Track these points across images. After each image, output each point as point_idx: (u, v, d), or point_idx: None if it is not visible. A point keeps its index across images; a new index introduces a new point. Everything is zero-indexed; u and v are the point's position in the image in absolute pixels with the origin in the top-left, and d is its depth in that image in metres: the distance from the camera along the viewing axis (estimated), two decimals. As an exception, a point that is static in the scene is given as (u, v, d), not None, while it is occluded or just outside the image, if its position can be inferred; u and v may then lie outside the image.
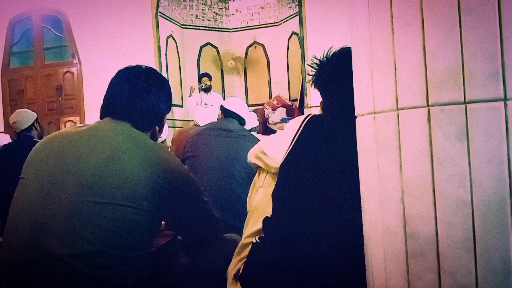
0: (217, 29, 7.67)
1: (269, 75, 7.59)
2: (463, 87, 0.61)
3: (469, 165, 0.60)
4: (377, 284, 0.74)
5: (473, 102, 0.60)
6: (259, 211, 1.18)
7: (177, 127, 6.03)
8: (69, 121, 6.63)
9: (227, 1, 7.71)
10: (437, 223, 0.63)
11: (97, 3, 6.30)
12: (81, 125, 1.32)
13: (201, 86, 6.27)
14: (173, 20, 6.93)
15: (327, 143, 1.07)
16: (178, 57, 7.06)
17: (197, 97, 6.31)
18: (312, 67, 1.19)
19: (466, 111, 0.61)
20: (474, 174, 0.60)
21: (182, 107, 6.86)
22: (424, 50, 0.64)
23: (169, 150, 3.60)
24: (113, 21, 6.23)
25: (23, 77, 6.82)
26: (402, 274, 0.67)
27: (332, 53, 1.17)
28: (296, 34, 6.69)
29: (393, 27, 0.67)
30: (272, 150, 1.15)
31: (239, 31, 7.72)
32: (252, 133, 2.77)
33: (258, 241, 1.12)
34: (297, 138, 1.10)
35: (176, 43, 6.99)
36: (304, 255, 1.01)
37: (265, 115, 6.67)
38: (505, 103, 0.59)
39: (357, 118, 0.79)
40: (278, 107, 6.68)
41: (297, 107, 6.64)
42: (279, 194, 1.10)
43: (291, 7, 7.02)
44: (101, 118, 1.29)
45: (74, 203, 1.08)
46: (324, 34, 5.54)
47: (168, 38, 6.69)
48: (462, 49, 0.61)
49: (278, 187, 1.11)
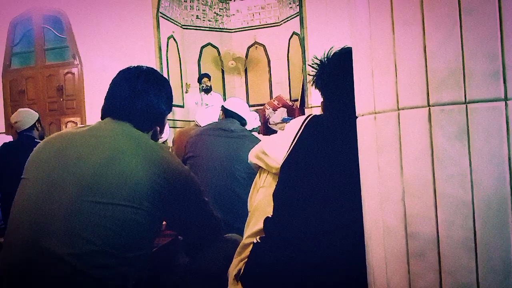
0: (218, 30, 7.67)
1: (269, 75, 7.59)
2: (464, 87, 0.61)
3: (470, 165, 0.61)
4: (378, 284, 0.74)
5: (473, 102, 0.60)
6: (260, 211, 1.18)
7: (178, 128, 6.03)
8: (70, 121, 6.63)
9: (227, 2, 7.71)
10: (437, 223, 0.63)
11: (97, 3, 6.31)
12: (82, 125, 1.32)
13: (202, 86, 6.28)
14: (173, 20, 6.93)
15: (328, 143, 1.07)
16: (178, 57, 7.07)
17: (197, 97, 6.32)
18: (312, 67, 1.19)
19: (466, 111, 0.61)
20: (474, 174, 0.60)
21: (183, 107, 6.86)
22: (424, 50, 0.64)
23: (170, 150, 3.60)
24: (114, 21, 6.24)
25: (24, 78, 6.83)
26: (402, 274, 0.67)
27: (332, 53, 1.17)
28: (296, 34, 6.70)
29: (393, 27, 0.67)
30: (273, 150, 1.15)
31: (239, 31, 7.73)
32: (253, 133, 2.77)
33: (259, 241, 1.12)
34: (297, 138, 1.10)
35: (176, 44, 6.99)
36: (304, 255, 1.01)
37: (266, 115, 6.66)
38: (506, 103, 0.59)
39: (357, 118, 0.79)
40: (278, 107, 6.68)
41: (298, 107, 6.64)
42: (280, 194, 1.10)
43: (291, 7, 7.02)
44: (102, 118, 1.29)
45: (74, 203, 1.08)
46: (324, 34, 5.54)
47: (168, 38, 6.69)
48: (462, 49, 0.61)
49: (278, 187, 1.11)
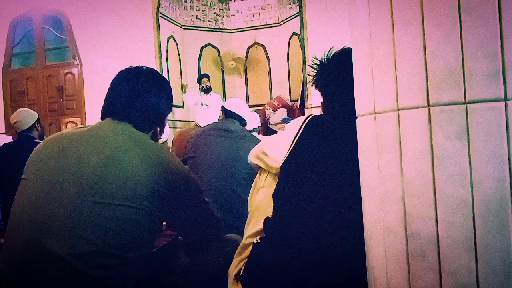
0: (218, 30, 7.67)
1: (269, 76, 7.59)
2: (463, 87, 0.61)
3: (470, 165, 0.61)
4: (378, 284, 0.74)
5: (473, 102, 0.60)
6: (260, 211, 1.18)
7: (178, 128, 6.03)
8: (70, 122, 6.63)
9: (227, 2, 7.71)
10: (437, 223, 0.63)
11: (98, 4, 6.31)
12: (82, 126, 1.33)
13: (202, 87, 6.27)
14: (173, 20, 6.93)
15: (328, 143, 1.07)
16: (178, 57, 7.07)
17: (197, 97, 6.32)
18: (312, 67, 1.19)
19: (466, 111, 0.61)
20: (474, 174, 0.60)
21: (183, 107, 6.86)
22: (424, 50, 0.64)
23: (170, 150, 3.60)
24: (114, 22, 6.24)
25: (24, 78, 6.83)
26: (403, 274, 0.67)
27: (332, 53, 1.17)
28: (296, 34, 6.69)
29: (393, 27, 0.67)
30: (273, 150, 1.15)
31: (239, 31, 7.73)
32: (253, 133, 2.77)
33: (259, 241, 1.12)
34: (297, 138, 1.10)
35: (176, 44, 6.99)
36: (304, 255, 1.01)
37: (266, 115, 6.66)
38: (506, 103, 0.59)
39: (357, 118, 0.79)
40: (278, 108, 6.68)
41: (298, 107, 6.64)
42: (280, 194, 1.10)
43: (291, 7, 7.02)
44: (102, 118, 1.29)
45: (74, 203, 1.08)
46: (324, 34, 5.54)
47: (168, 38, 6.69)
48: (462, 49, 0.61)
49: (279, 187, 1.11)
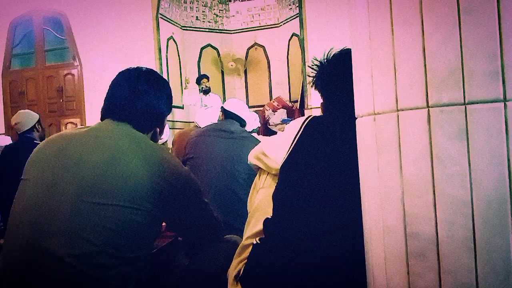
0: (218, 31, 7.67)
1: (269, 77, 7.59)
2: (463, 87, 0.61)
3: (469, 165, 0.61)
4: (377, 284, 0.74)
5: (473, 103, 0.60)
6: (260, 212, 1.18)
7: (178, 129, 6.03)
8: (70, 122, 6.64)
9: (227, 3, 7.72)
10: (437, 223, 0.63)
11: (98, 5, 6.31)
12: (82, 126, 1.33)
13: (201, 87, 6.28)
14: (173, 21, 6.93)
15: (328, 144, 1.07)
16: (178, 58, 7.07)
17: (196, 98, 6.32)
18: (312, 68, 1.19)
19: (466, 112, 0.61)
20: (474, 174, 0.60)
21: (182, 108, 6.86)
22: (424, 50, 0.64)
23: (170, 151, 3.60)
24: (114, 23, 6.24)
25: (24, 79, 6.83)
26: (402, 274, 0.67)
27: (332, 54, 1.17)
28: (296, 35, 6.70)
29: (393, 27, 0.67)
30: (272, 151, 1.15)
31: (239, 32, 7.73)
32: (252, 134, 2.77)
33: (258, 242, 1.12)
34: (297, 139, 1.10)
35: (176, 45, 6.99)
36: (304, 256, 1.01)
37: (266, 116, 6.67)
38: (505, 104, 0.59)
39: (357, 119, 0.79)
40: (278, 109, 6.68)
41: (298, 108, 6.65)
42: (280, 195, 1.10)
43: (291, 8, 7.03)
44: (102, 119, 1.29)
45: (74, 204, 1.08)
46: (324, 35, 5.55)
47: (168, 39, 6.69)
48: (462, 49, 0.61)
49: (278, 188, 1.11)
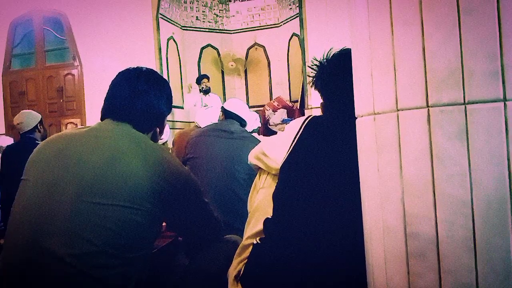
0: (218, 31, 7.67)
1: (269, 76, 7.59)
2: (463, 87, 0.61)
3: (469, 165, 0.61)
4: (377, 284, 0.74)
5: (472, 103, 0.60)
6: (260, 212, 1.18)
7: (178, 129, 6.03)
8: (70, 123, 6.64)
9: (227, 3, 7.72)
10: (437, 223, 0.63)
11: (98, 5, 6.31)
12: (82, 126, 1.33)
13: (201, 87, 6.28)
14: (173, 21, 6.93)
15: (328, 144, 1.07)
16: (178, 58, 7.07)
17: (196, 98, 6.32)
18: (312, 68, 1.19)
19: (465, 111, 0.61)
20: (474, 174, 0.60)
21: (182, 108, 6.86)
22: (423, 50, 0.64)
23: (170, 151, 3.60)
24: (114, 23, 6.24)
25: (24, 79, 6.83)
26: (402, 274, 0.67)
27: (332, 54, 1.17)
28: (296, 35, 6.70)
29: (392, 27, 0.67)
30: (272, 151, 1.15)
31: (239, 32, 7.73)
32: (253, 134, 2.77)
33: (259, 242, 1.12)
34: (297, 139, 1.10)
35: (176, 45, 6.99)
36: (304, 256, 1.01)
37: (266, 116, 6.67)
38: (505, 104, 0.59)
39: (357, 119, 0.79)
40: (278, 108, 6.68)
41: (298, 108, 6.65)
42: (280, 195, 1.10)
43: (291, 8, 7.03)
44: (102, 119, 1.29)
45: (74, 204, 1.08)
46: (324, 35, 5.54)
47: (168, 39, 6.69)
48: (461, 49, 0.61)
49: (278, 188, 1.11)
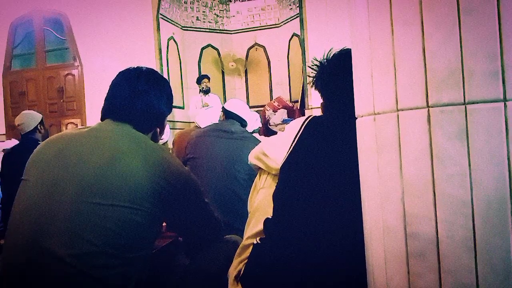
0: (218, 31, 7.67)
1: (270, 77, 7.59)
2: (463, 87, 0.61)
3: (469, 165, 0.61)
4: (377, 284, 0.74)
5: (473, 103, 0.60)
6: (260, 212, 1.18)
7: (178, 129, 6.03)
8: (71, 123, 6.64)
9: (228, 3, 7.72)
10: (437, 223, 0.63)
11: (98, 5, 6.32)
12: (82, 127, 1.33)
13: (202, 87, 6.28)
14: (174, 22, 6.94)
15: (328, 144, 1.07)
16: (179, 59, 7.07)
17: (197, 98, 6.32)
18: (312, 68, 1.20)
19: (465, 112, 0.61)
20: (474, 174, 0.60)
21: (183, 108, 6.86)
22: (424, 50, 0.64)
23: (170, 151, 3.60)
24: (114, 23, 6.25)
25: (24, 79, 6.83)
26: (402, 274, 0.67)
27: (332, 54, 1.17)
28: (296, 35, 6.70)
29: (392, 27, 0.67)
30: (273, 151, 1.15)
31: (240, 32, 7.73)
32: (254, 134, 2.76)
33: (259, 242, 1.12)
34: (297, 139, 1.10)
35: (177, 45, 6.99)
36: (304, 256, 1.01)
37: (266, 116, 6.66)
38: (505, 104, 0.59)
39: (357, 119, 0.79)
40: (279, 109, 6.68)
41: (298, 108, 6.65)
42: (280, 195, 1.10)
43: (291, 8, 7.03)
44: (102, 119, 1.29)
45: (74, 204, 1.08)
46: (324, 35, 5.55)
47: (169, 40, 6.69)
48: (461, 49, 0.61)
49: (278, 188, 1.11)
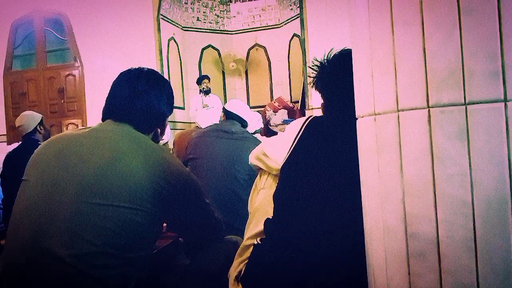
0: (219, 31, 7.67)
1: (270, 77, 7.59)
2: (463, 87, 0.61)
3: (470, 165, 0.60)
4: (378, 284, 0.74)
5: (473, 103, 0.60)
6: (261, 212, 1.18)
7: (178, 129, 6.03)
8: (71, 123, 6.64)
9: (228, 4, 7.72)
10: (437, 223, 0.63)
11: (99, 6, 6.32)
12: (83, 127, 1.33)
13: (202, 88, 6.28)
14: (174, 22, 6.94)
15: (328, 144, 1.07)
16: (179, 59, 7.07)
17: (198, 98, 6.32)
18: (312, 69, 1.20)
19: (466, 112, 0.61)
20: (474, 174, 0.60)
21: (183, 109, 6.86)
22: (424, 50, 0.64)
23: (171, 152, 3.60)
24: (115, 23, 6.25)
25: (25, 80, 6.84)
26: (403, 274, 0.67)
27: (332, 54, 1.17)
28: (297, 36, 6.70)
29: (393, 28, 0.67)
30: (273, 151, 1.15)
31: (240, 33, 7.73)
32: (255, 135, 2.76)
33: (259, 242, 1.12)
34: (298, 139, 1.10)
35: (177, 46, 7.00)
36: (305, 256, 1.01)
37: (267, 117, 6.66)
38: (505, 104, 0.59)
39: (357, 119, 0.79)
40: (279, 109, 6.68)
41: (299, 108, 6.65)
42: (280, 195, 1.10)
43: (292, 9, 7.03)
44: (103, 120, 1.29)
45: (74, 204, 1.08)
46: (325, 35, 5.55)
47: (169, 40, 6.69)
48: (462, 49, 0.61)
49: (279, 188, 1.11)
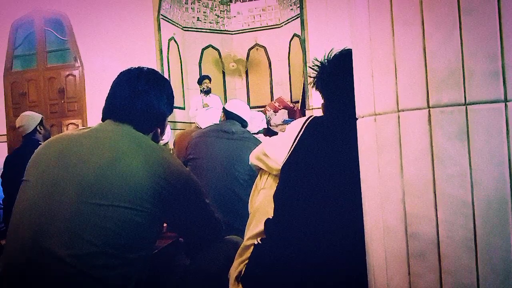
0: (219, 31, 7.67)
1: (270, 77, 7.59)
2: (464, 87, 0.61)
3: (470, 165, 0.61)
4: (378, 284, 0.74)
5: (473, 103, 0.60)
6: (261, 212, 1.18)
7: (179, 129, 6.03)
8: (71, 123, 6.64)
9: (228, 4, 7.72)
10: (438, 223, 0.63)
11: (99, 6, 6.32)
12: (83, 127, 1.33)
13: (203, 88, 6.28)
14: (174, 22, 6.94)
15: (328, 144, 1.07)
16: (179, 59, 7.07)
17: (198, 98, 6.32)
18: (313, 69, 1.20)
19: (466, 112, 0.61)
20: (474, 174, 0.60)
21: (183, 109, 6.86)
22: (424, 50, 0.64)
23: (171, 152, 3.60)
24: (115, 24, 6.25)
25: (25, 80, 6.84)
26: (403, 274, 0.67)
27: (332, 54, 1.17)
28: (297, 36, 6.69)
29: (393, 28, 0.67)
30: (273, 152, 1.15)
31: (240, 33, 7.72)
32: (259, 135, 2.75)
33: (260, 242, 1.12)
34: (298, 139, 1.10)
35: (177, 46, 7.00)
36: (305, 256, 1.01)
37: (267, 117, 6.67)
38: (506, 104, 0.59)
39: (358, 119, 0.79)
40: (279, 109, 6.68)
41: (299, 108, 6.65)
42: (281, 195, 1.10)
43: (292, 9, 7.03)
44: (103, 120, 1.29)
45: (74, 204, 1.08)
46: (325, 35, 5.55)
47: (169, 40, 6.69)
48: (462, 49, 0.61)
49: (279, 188, 1.11)
